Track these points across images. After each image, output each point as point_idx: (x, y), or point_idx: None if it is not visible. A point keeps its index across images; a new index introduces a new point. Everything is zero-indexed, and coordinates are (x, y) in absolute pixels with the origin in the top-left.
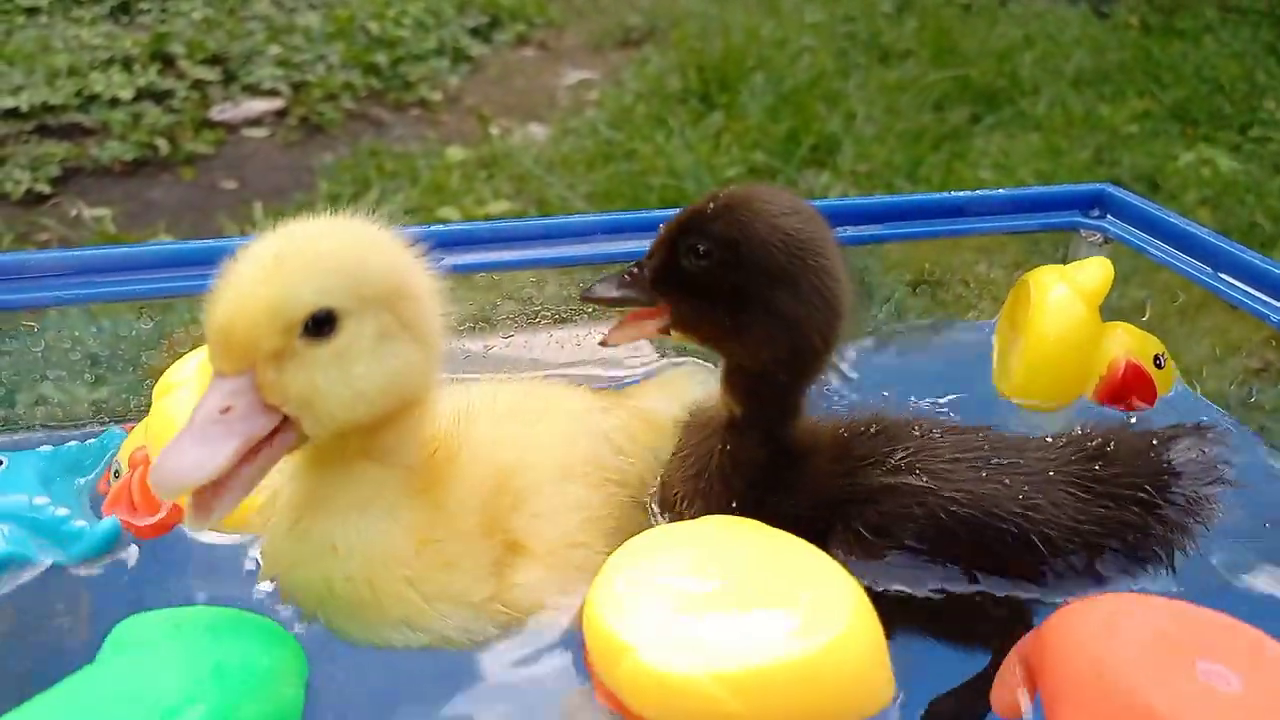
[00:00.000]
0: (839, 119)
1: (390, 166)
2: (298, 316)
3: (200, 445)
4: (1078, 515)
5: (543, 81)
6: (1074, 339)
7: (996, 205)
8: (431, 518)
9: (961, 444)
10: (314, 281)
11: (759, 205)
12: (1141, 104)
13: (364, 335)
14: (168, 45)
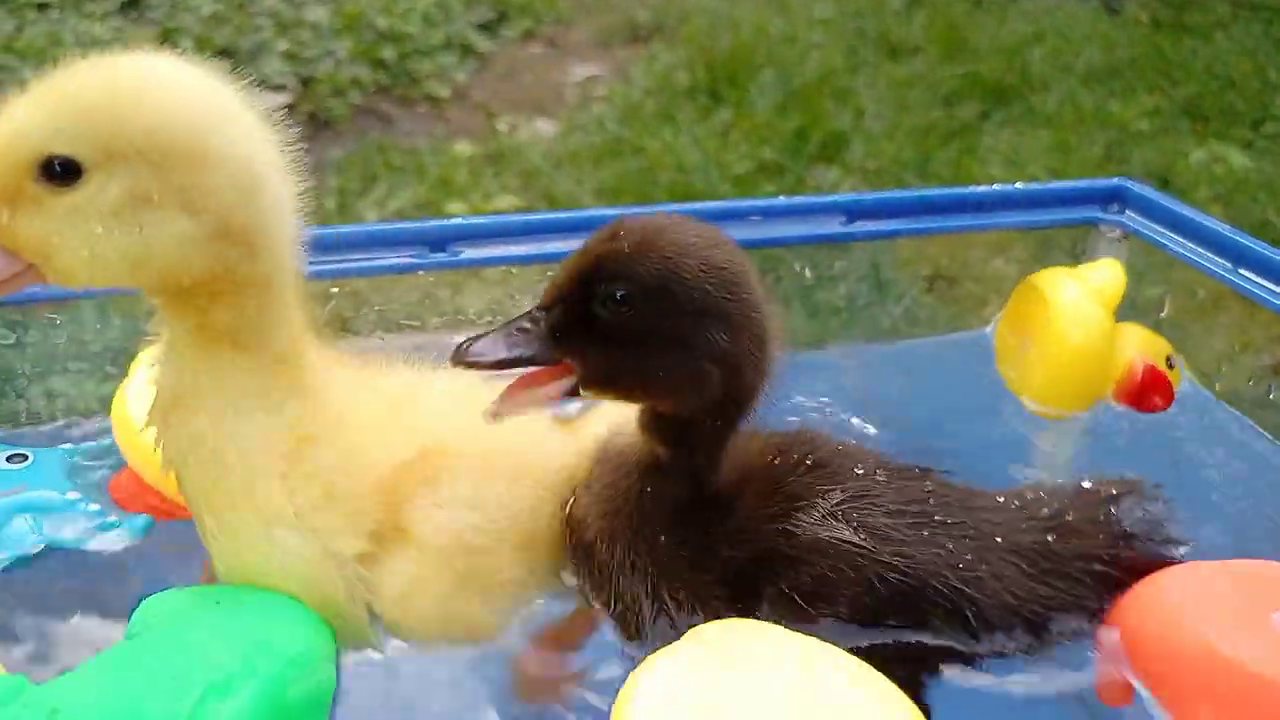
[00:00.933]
0: (848, 115)
1: (398, 161)
2: (27, 158)
3: None
4: (1020, 592)
5: (550, 77)
6: (1095, 346)
7: (1015, 200)
8: (315, 420)
9: (905, 493)
10: (53, 122)
11: (682, 240)
12: (1152, 100)
13: (109, 193)
14: (176, 40)
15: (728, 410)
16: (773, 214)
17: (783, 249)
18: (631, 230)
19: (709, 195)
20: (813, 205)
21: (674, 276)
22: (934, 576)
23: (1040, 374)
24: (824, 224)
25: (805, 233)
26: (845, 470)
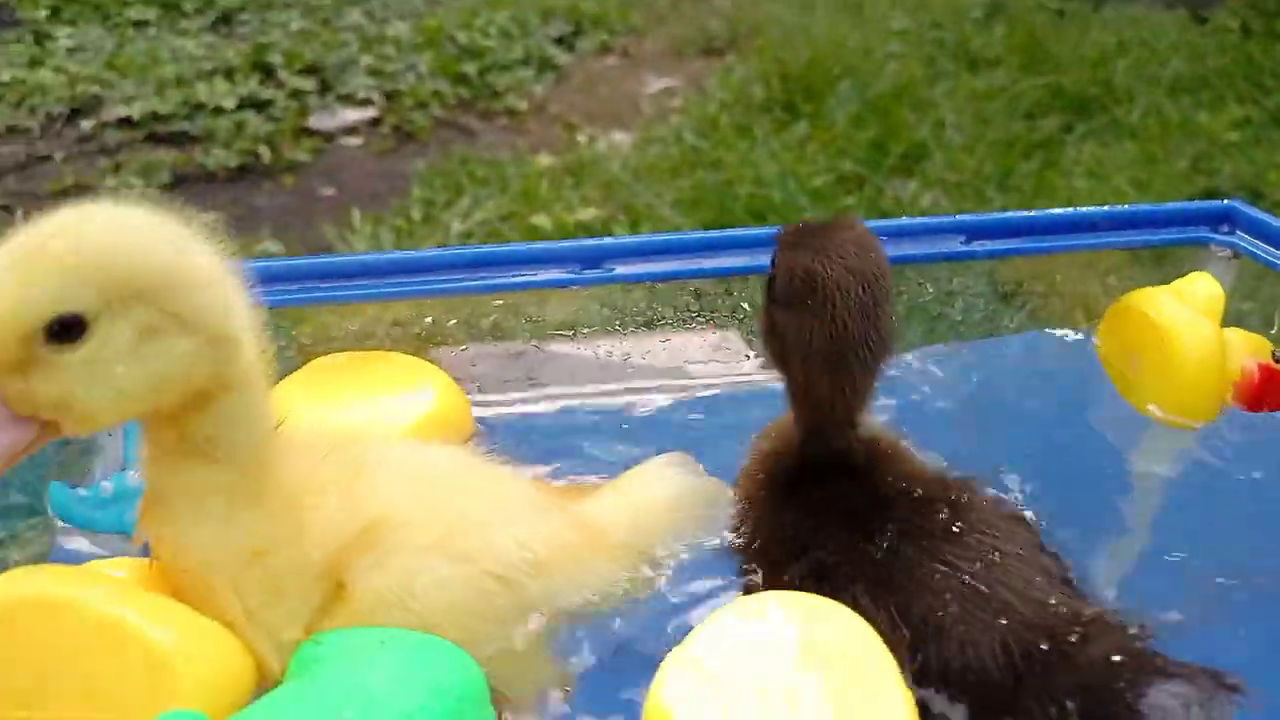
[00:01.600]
0: (927, 127)
1: (481, 173)
2: (35, 325)
3: None
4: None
5: (626, 89)
6: (1213, 358)
7: (1127, 219)
8: (271, 529)
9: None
10: (50, 286)
11: (801, 238)
12: (1242, 110)
13: (119, 336)
14: (267, 56)
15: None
16: (897, 234)
17: (904, 265)
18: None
19: (787, 207)
20: (934, 225)
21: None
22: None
23: (1166, 391)
24: (945, 244)
25: (929, 252)
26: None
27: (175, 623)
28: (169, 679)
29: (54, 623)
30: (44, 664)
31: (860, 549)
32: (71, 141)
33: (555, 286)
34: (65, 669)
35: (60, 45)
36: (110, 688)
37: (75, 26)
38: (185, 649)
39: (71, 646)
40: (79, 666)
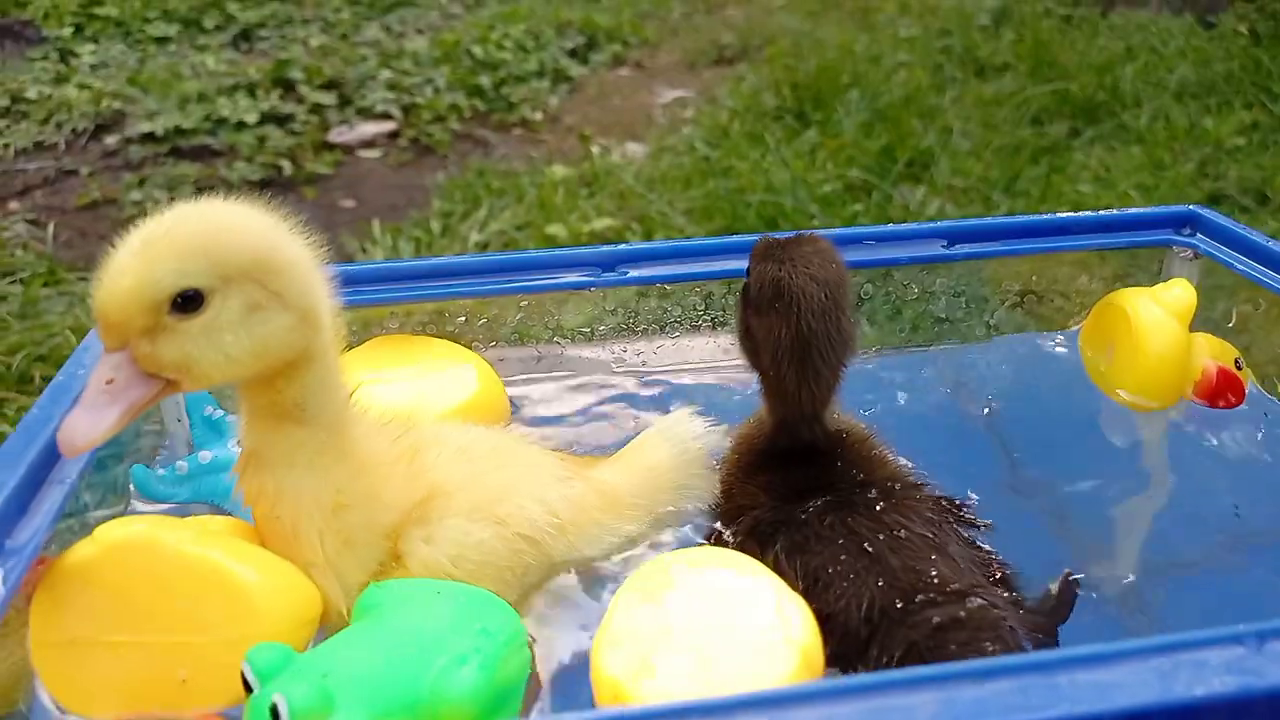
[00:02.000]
0: (935, 134)
1: (497, 185)
2: (162, 297)
3: (89, 413)
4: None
5: (639, 100)
6: (1174, 354)
7: (1097, 225)
8: (353, 486)
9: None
10: (175, 265)
11: (770, 251)
12: (1249, 115)
13: (230, 309)
14: (287, 71)
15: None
16: (884, 239)
17: (892, 269)
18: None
19: (797, 214)
20: (917, 231)
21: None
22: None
23: (1131, 377)
24: (928, 247)
25: (912, 255)
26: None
27: (254, 562)
28: (247, 608)
29: (153, 560)
30: (145, 595)
31: (790, 514)
32: (97, 156)
33: (573, 289)
34: (162, 600)
35: (84, 62)
36: (198, 616)
37: (98, 44)
38: (262, 584)
39: (167, 580)
40: (173, 597)
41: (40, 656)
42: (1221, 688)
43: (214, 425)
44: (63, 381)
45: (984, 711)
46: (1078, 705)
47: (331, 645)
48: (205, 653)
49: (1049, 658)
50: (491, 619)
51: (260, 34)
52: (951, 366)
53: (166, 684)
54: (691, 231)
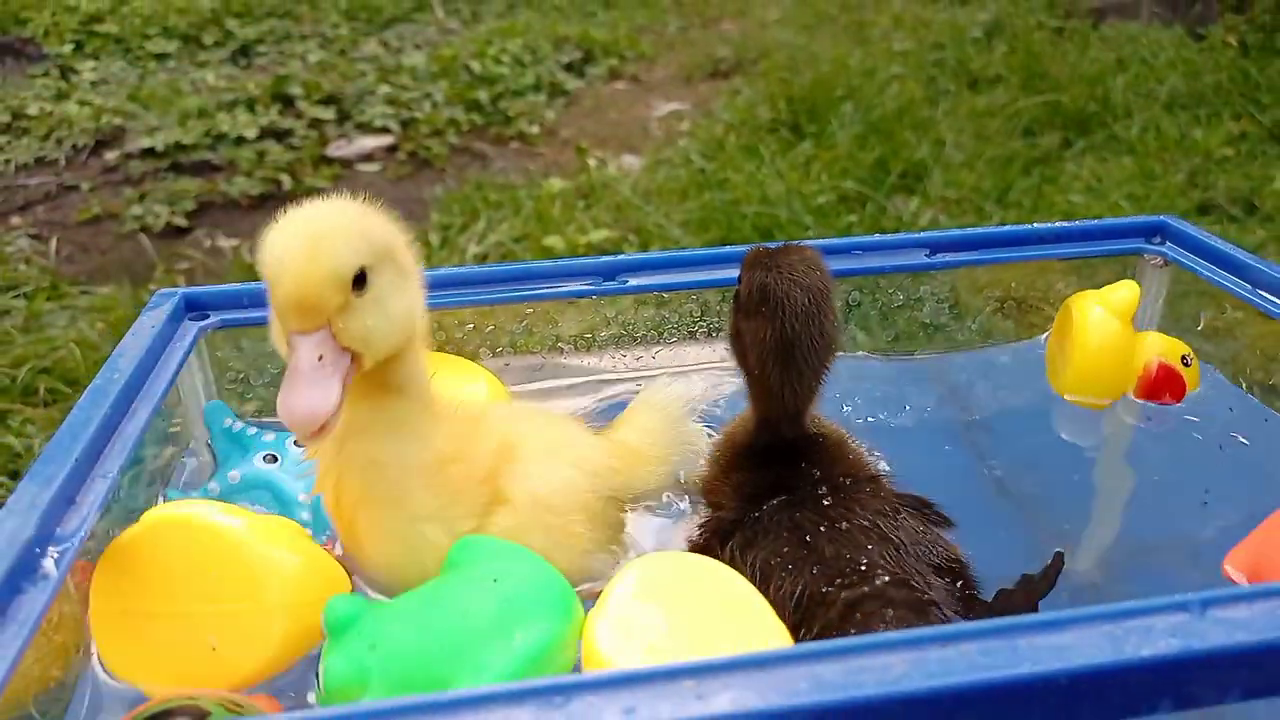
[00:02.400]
0: (928, 146)
1: (495, 198)
2: (348, 277)
3: (316, 388)
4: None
5: (635, 113)
6: (1112, 348)
7: (1072, 235)
8: (449, 445)
9: (849, 514)
10: (351, 247)
11: (757, 259)
12: (1238, 126)
13: (384, 282)
14: (286, 87)
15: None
16: (869, 249)
17: (877, 276)
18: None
19: (792, 225)
20: (901, 241)
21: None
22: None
23: (1073, 374)
24: (911, 256)
25: (895, 264)
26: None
27: (273, 539)
28: (265, 579)
29: (186, 536)
30: (180, 569)
31: (747, 514)
32: (97, 172)
33: (575, 297)
34: (194, 572)
35: (85, 79)
36: (224, 586)
37: (99, 60)
38: (278, 559)
39: (198, 554)
40: (203, 570)
41: (97, 626)
42: (1166, 649)
43: (235, 438)
44: (100, 384)
45: (951, 670)
46: (1036, 665)
47: (393, 612)
48: (232, 621)
49: (1011, 623)
50: (535, 627)
51: (259, 50)
52: (936, 372)
53: (199, 650)
54: (687, 243)
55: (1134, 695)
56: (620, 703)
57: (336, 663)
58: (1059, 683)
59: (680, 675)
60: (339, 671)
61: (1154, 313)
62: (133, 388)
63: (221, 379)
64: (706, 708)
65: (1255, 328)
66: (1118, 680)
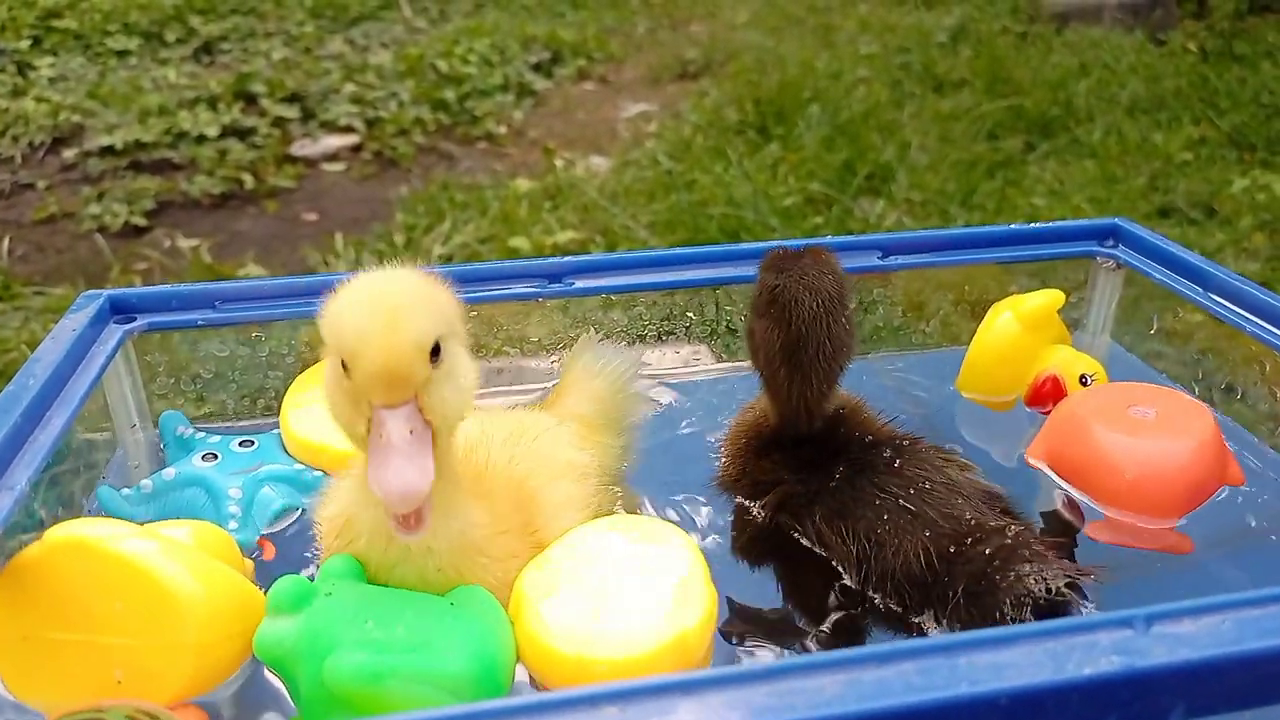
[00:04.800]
0: (893, 148)
1: (461, 198)
2: (429, 346)
3: (412, 462)
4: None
5: (603, 114)
6: (1005, 353)
7: (1026, 237)
8: (491, 516)
9: (902, 472)
10: (429, 318)
11: (772, 264)
12: (1198, 130)
13: (456, 353)
14: (249, 85)
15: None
16: None
17: None
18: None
19: (759, 227)
20: (854, 243)
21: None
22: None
23: (964, 369)
24: (864, 258)
25: (848, 266)
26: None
27: (191, 569)
28: (176, 616)
29: (91, 562)
30: (84, 596)
31: (820, 484)
32: (55, 170)
33: (517, 299)
34: (99, 601)
35: (42, 75)
36: (132, 619)
37: (57, 56)
38: (193, 592)
39: (104, 582)
40: (109, 599)
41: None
42: (1109, 667)
43: (185, 444)
44: (13, 391)
45: (887, 692)
46: (975, 685)
47: (367, 589)
48: (137, 656)
49: (950, 641)
50: (438, 657)
51: (222, 47)
52: (887, 374)
53: (104, 683)
54: (654, 244)
55: (1076, 715)
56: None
57: (287, 579)
58: (999, 703)
59: (602, 700)
60: (284, 585)
61: (1106, 316)
62: (49, 394)
63: (151, 384)
64: None
65: (1208, 332)
66: (1059, 700)
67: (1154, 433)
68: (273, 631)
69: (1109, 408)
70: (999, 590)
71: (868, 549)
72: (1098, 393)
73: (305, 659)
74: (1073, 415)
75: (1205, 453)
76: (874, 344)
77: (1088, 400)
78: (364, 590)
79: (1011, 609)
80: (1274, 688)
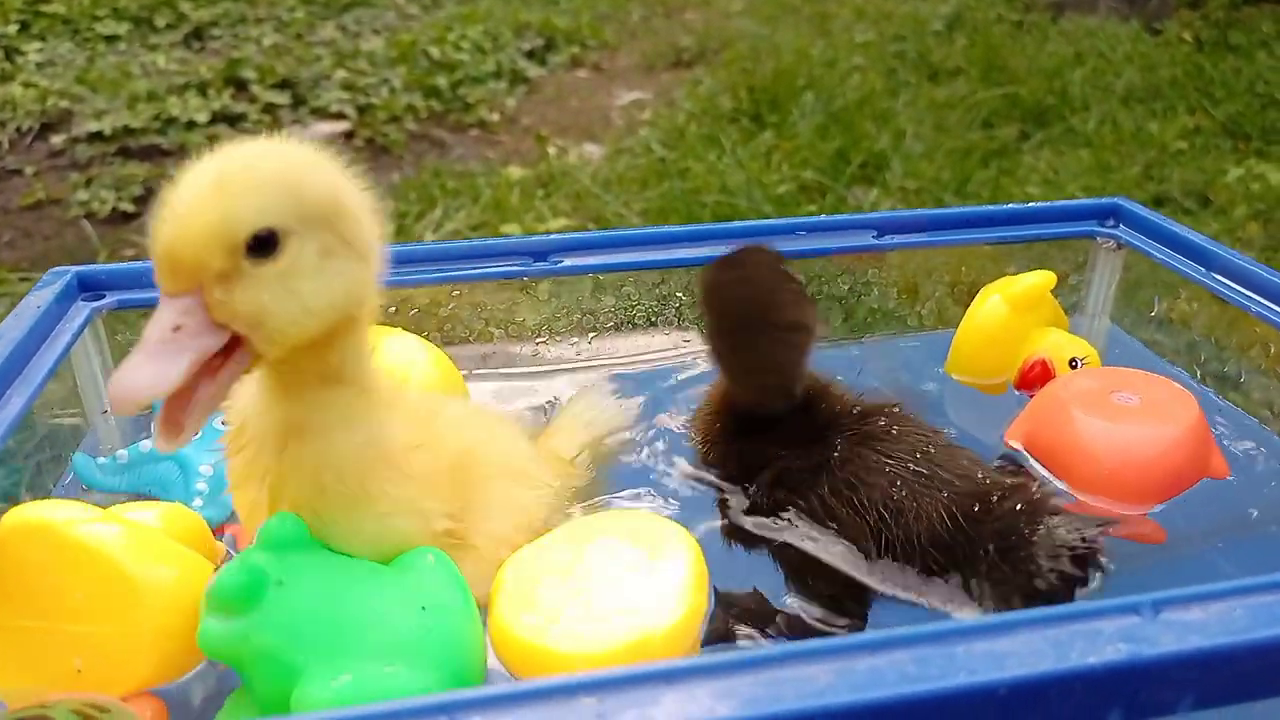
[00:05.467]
0: (888, 137)
1: (453, 185)
2: (241, 237)
3: (153, 362)
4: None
5: (596, 102)
6: (993, 334)
7: (1024, 217)
8: (409, 430)
9: (898, 442)
10: (254, 202)
11: (727, 268)
12: (1192, 120)
13: (308, 253)
14: (240, 70)
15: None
16: (815, 229)
17: (825, 259)
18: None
19: (752, 215)
20: (848, 222)
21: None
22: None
23: (952, 350)
24: (858, 238)
25: (840, 244)
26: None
27: (151, 555)
28: (135, 602)
29: (50, 546)
30: (43, 581)
31: (822, 456)
32: (42, 156)
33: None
34: (58, 587)
35: (30, 60)
36: (90, 606)
37: (45, 41)
38: (151, 578)
39: (62, 568)
40: (68, 585)
41: None
42: (1115, 655)
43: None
44: None
45: (880, 682)
46: (974, 675)
47: (320, 566)
48: (96, 643)
49: (947, 629)
50: (420, 668)
51: (212, 33)
52: (883, 357)
53: (63, 671)
54: None
55: (1080, 706)
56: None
57: (234, 573)
58: (998, 694)
59: (578, 691)
60: (231, 582)
61: (1105, 298)
62: (10, 371)
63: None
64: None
65: (1210, 313)
66: (1062, 690)
67: (1133, 419)
68: (221, 633)
69: (1091, 392)
70: (1031, 543)
71: (886, 517)
72: (1082, 376)
73: (264, 670)
74: (1053, 399)
75: (1184, 442)
76: (867, 327)
77: (1070, 384)
78: (318, 578)
79: (1047, 560)
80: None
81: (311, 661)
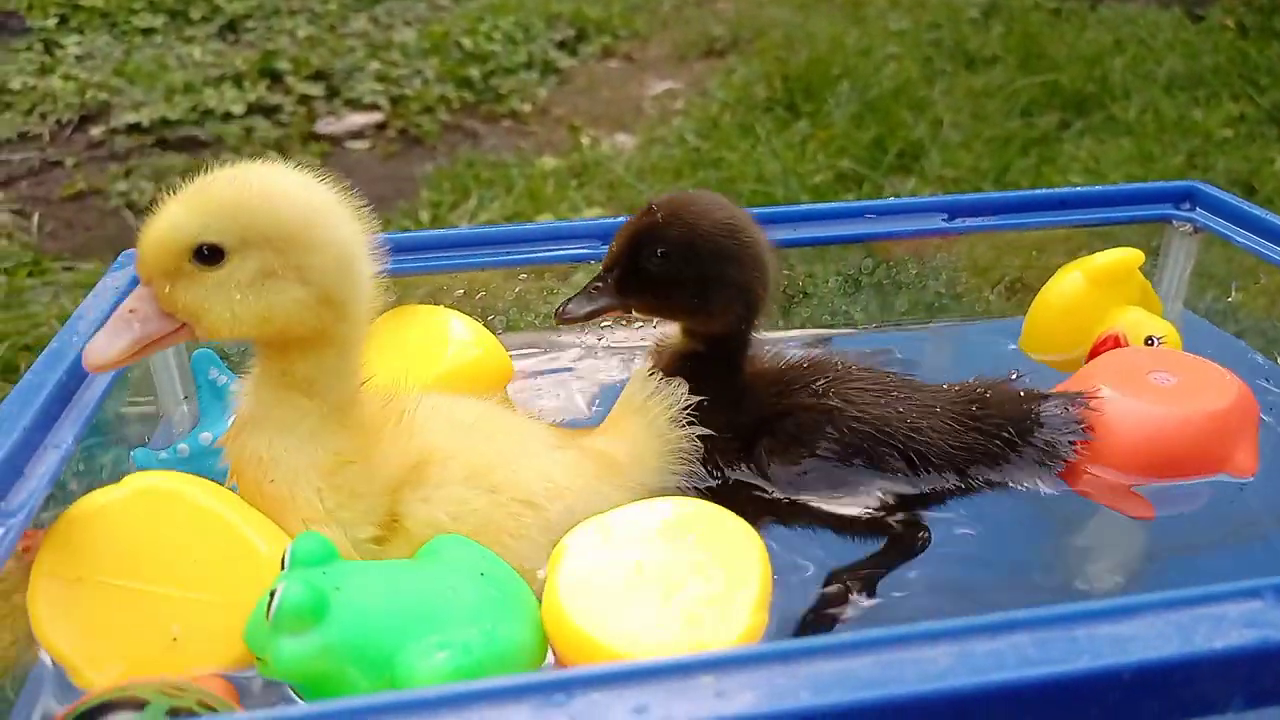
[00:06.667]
0: (925, 126)
1: (486, 175)
2: (184, 246)
3: (108, 336)
4: (951, 441)
5: (629, 92)
6: (1067, 307)
7: (1097, 199)
8: (349, 446)
9: (870, 379)
10: (201, 219)
11: (698, 208)
12: (1237, 107)
13: (245, 270)
14: (274, 62)
15: (748, 318)
16: (885, 213)
17: (891, 243)
18: (661, 206)
19: (788, 204)
20: (919, 205)
21: (695, 234)
22: (888, 426)
23: (1027, 326)
24: (928, 221)
25: (910, 228)
26: (829, 367)
27: (268, 534)
28: (253, 575)
29: (175, 511)
30: (159, 545)
31: (820, 399)
32: (82, 147)
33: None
34: (174, 552)
35: (69, 53)
36: (205, 574)
37: (84, 35)
38: (271, 556)
39: (183, 534)
40: (185, 551)
41: (39, 587)
42: (1241, 640)
43: (219, 393)
44: (57, 349)
45: (1001, 665)
46: (1097, 659)
47: (365, 568)
48: (202, 611)
49: (1067, 612)
50: (504, 623)
51: (247, 25)
52: (949, 343)
53: (156, 636)
54: None
55: (1204, 691)
56: (629, 700)
57: (296, 587)
58: (1121, 678)
59: (696, 670)
60: (297, 596)
61: (1180, 283)
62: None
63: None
64: (728, 707)
65: None
66: (1188, 675)
67: (1153, 397)
68: (300, 650)
69: (1128, 369)
70: (1041, 424)
71: (912, 437)
72: (1129, 354)
73: (355, 671)
74: (1090, 372)
75: (1194, 426)
76: (936, 311)
77: (1113, 360)
78: (368, 575)
79: (1064, 432)
80: None
81: (403, 644)
